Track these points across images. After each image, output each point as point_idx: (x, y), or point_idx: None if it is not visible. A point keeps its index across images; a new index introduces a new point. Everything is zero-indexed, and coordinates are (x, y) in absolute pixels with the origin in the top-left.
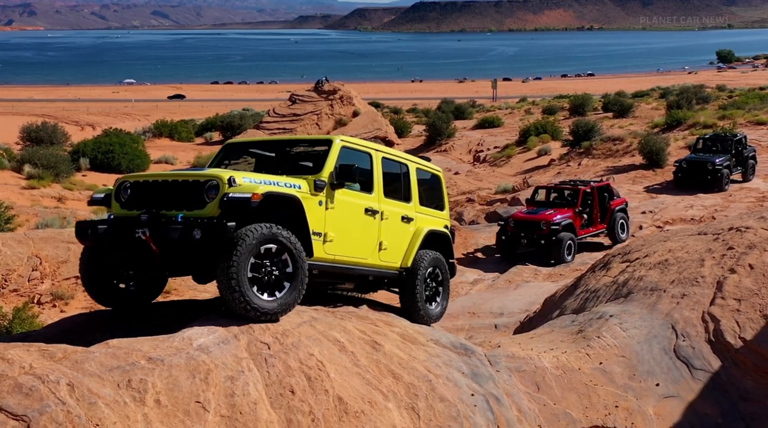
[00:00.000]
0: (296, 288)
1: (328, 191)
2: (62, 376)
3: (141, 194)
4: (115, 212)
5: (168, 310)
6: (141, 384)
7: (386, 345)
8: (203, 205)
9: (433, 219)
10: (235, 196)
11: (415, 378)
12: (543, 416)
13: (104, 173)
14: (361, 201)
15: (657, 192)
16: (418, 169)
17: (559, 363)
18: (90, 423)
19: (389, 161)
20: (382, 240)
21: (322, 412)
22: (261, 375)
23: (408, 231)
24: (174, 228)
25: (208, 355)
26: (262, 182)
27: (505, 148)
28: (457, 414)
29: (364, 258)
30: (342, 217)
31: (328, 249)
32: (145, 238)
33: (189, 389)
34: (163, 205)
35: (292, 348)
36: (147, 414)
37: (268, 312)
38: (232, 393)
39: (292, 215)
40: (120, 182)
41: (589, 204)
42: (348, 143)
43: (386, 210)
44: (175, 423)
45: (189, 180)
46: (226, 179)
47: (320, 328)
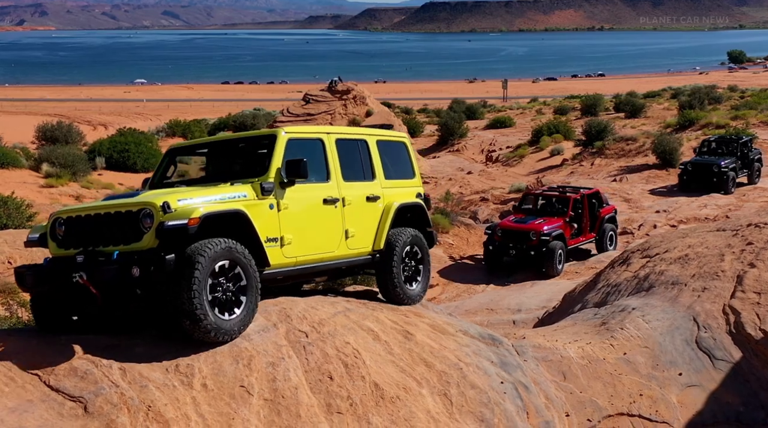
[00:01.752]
0: (252, 301)
1: (278, 191)
2: (114, 361)
3: (76, 230)
4: (52, 252)
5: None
6: (188, 368)
7: (417, 335)
8: (140, 236)
9: (403, 192)
10: (172, 225)
11: (446, 366)
12: (570, 403)
13: (120, 172)
14: (317, 192)
15: (662, 194)
16: (379, 141)
17: (584, 354)
18: (143, 404)
19: (344, 141)
20: (347, 228)
21: (360, 397)
22: (300, 362)
23: (375, 211)
24: (110, 268)
25: (249, 342)
26: (201, 201)
27: (517, 147)
28: (488, 401)
29: (330, 252)
30: (298, 215)
31: (288, 252)
32: (83, 282)
33: (233, 374)
34: (99, 241)
35: (328, 337)
36: (195, 397)
37: (230, 331)
38: (273, 378)
39: (240, 228)
40: (53, 219)
41: (579, 212)
42: (294, 134)
43: (347, 194)
44: (222, 406)
45: (122, 211)
46: (159, 206)
47: (354, 318)
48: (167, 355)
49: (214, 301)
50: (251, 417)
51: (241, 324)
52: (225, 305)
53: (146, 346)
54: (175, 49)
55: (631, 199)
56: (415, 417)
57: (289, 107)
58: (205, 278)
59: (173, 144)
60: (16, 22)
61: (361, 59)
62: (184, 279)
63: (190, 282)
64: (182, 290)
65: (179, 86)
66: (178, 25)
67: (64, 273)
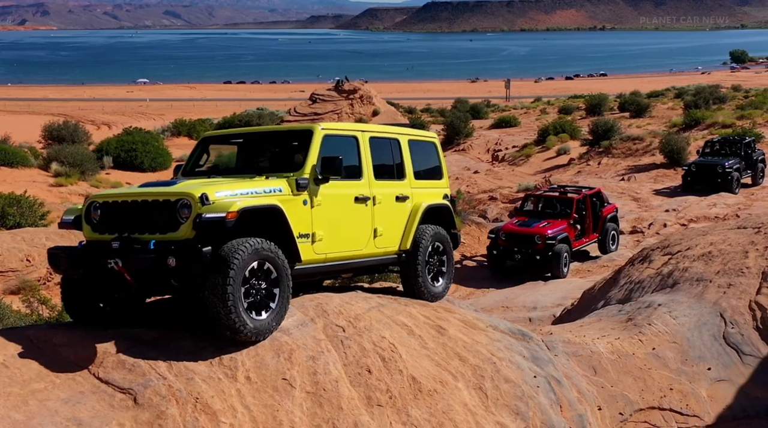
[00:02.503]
0: (284, 301)
1: (313, 187)
2: (159, 353)
3: (112, 215)
4: (87, 236)
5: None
6: (231, 361)
7: (450, 330)
8: (176, 226)
9: (431, 193)
10: (209, 217)
11: (480, 360)
12: (601, 397)
13: (127, 171)
14: (350, 190)
15: (667, 195)
16: (411, 140)
17: (613, 349)
18: (190, 396)
19: (378, 140)
20: (376, 226)
21: (398, 390)
22: (339, 356)
23: (404, 211)
24: (147, 258)
25: (289, 336)
26: (238, 194)
27: (523, 147)
28: (522, 394)
29: (358, 250)
30: (330, 213)
31: (318, 249)
32: (118, 269)
33: (275, 367)
34: (135, 228)
35: (365, 331)
36: (239, 389)
37: (261, 332)
38: (314, 372)
39: (274, 223)
40: (89, 202)
41: (582, 213)
42: (330, 130)
43: (378, 193)
44: (266, 398)
45: (159, 199)
46: (198, 197)
47: (388, 313)
48: (210, 348)
49: (247, 301)
50: (294, 409)
51: (271, 323)
52: (257, 304)
53: (188, 340)
54: (177, 48)
55: (640, 198)
56: (453, 410)
57: (296, 106)
58: (240, 278)
59: (207, 132)
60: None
61: (362, 59)
62: (219, 278)
63: (225, 282)
64: (216, 289)
65: (181, 86)
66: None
67: (99, 258)
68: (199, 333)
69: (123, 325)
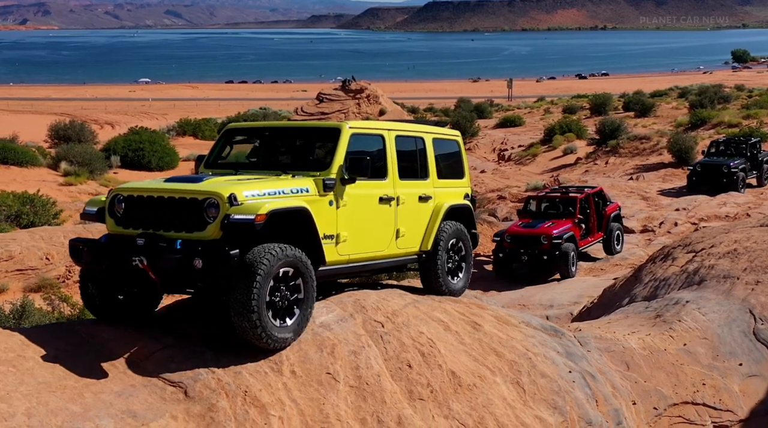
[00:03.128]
0: (308, 307)
1: (339, 188)
2: (206, 348)
3: (136, 210)
4: (110, 229)
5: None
6: (276, 356)
7: (485, 326)
8: (203, 226)
9: (453, 192)
10: (238, 219)
11: (516, 355)
12: (636, 392)
13: (135, 171)
14: (375, 190)
15: (672, 195)
16: (435, 139)
17: (645, 344)
18: (239, 389)
19: (403, 138)
20: (399, 227)
21: (439, 385)
22: (379, 351)
23: (426, 211)
24: (173, 258)
25: (330, 332)
26: (266, 194)
27: (529, 146)
28: (559, 389)
29: (380, 251)
30: (355, 213)
31: (342, 250)
32: (142, 267)
33: (319, 362)
34: (160, 224)
35: (403, 327)
36: (286, 383)
37: (283, 340)
38: (357, 366)
39: (301, 225)
40: (113, 195)
41: (586, 212)
42: (358, 129)
43: (402, 194)
44: (311, 392)
45: (186, 197)
46: (227, 197)
47: (423, 309)
48: None
49: (271, 308)
50: (340, 402)
51: (294, 334)
52: (282, 311)
53: (233, 335)
54: (179, 48)
55: (649, 197)
56: (493, 404)
57: (303, 106)
58: (266, 285)
59: (231, 123)
60: (19, 21)
61: (363, 58)
62: (245, 284)
63: (250, 288)
64: (241, 294)
65: (184, 85)
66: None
67: (123, 254)
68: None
69: (142, 319)
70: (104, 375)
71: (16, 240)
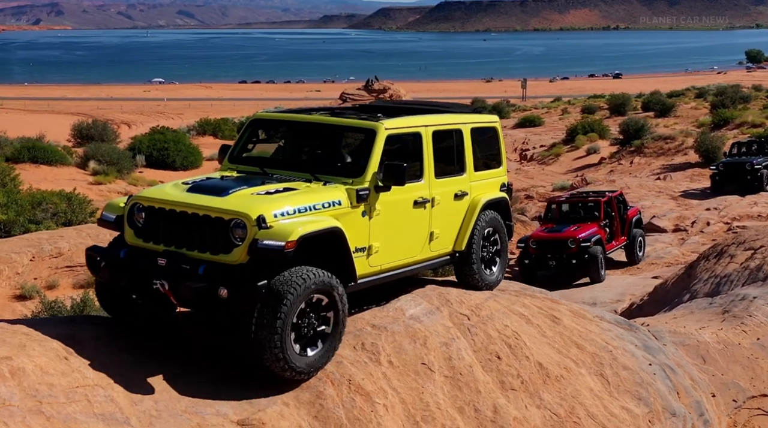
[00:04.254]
0: (334, 345)
1: (373, 196)
2: None
3: (157, 222)
4: (129, 240)
5: None
6: (373, 347)
7: (564, 320)
8: (229, 248)
9: (490, 183)
10: (267, 245)
11: (596, 348)
12: (714, 385)
13: (159, 170)
14: (409, 194)
15: (695, 197)
16: (474, 128)
17: (719, 339)
18: (343, 378)
19: (441, 133)
20: (433, 229)
21: (528, 376)
22: (468, 343)
23: (461, 208)
24: (196, 287)
25: (420, 324)
26: (297, 211)
27: (552, 146)
28: (641, 381)
29: (412, 257)
30: (388, 221)
31: (373, 261)
32: (164, 291)
33: (413, 352)
34: (183, 242)
35: (487, 320)
36: (385, 372)
37: (302, 371)
38: (449, 357)
39: (333, 243)
40: (132, 203)
41: (611, 216)
42: (394, 129)
43: (437, 193)
44: (409, 381)
45: (211, 215)
46: (255, 220)
47: (504, 303)
48: (350, 335)
49: (297, 338)
50: (437, 391)
51: (320, 360)
52: (307, 340)
53: None
54: (191, 48)
55: (678, 196)
56: (581, 394)
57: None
58: (291, 315)
59: (258, 113)
60: (32, 22)
61: (375, 58)
62: (269, 314)
63: (275, 318)
64: (265, 324)
65: (197, 85)
66: (193, 24)
67: (144, 274)
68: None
69: (159, 319)
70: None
71: (64, 238)
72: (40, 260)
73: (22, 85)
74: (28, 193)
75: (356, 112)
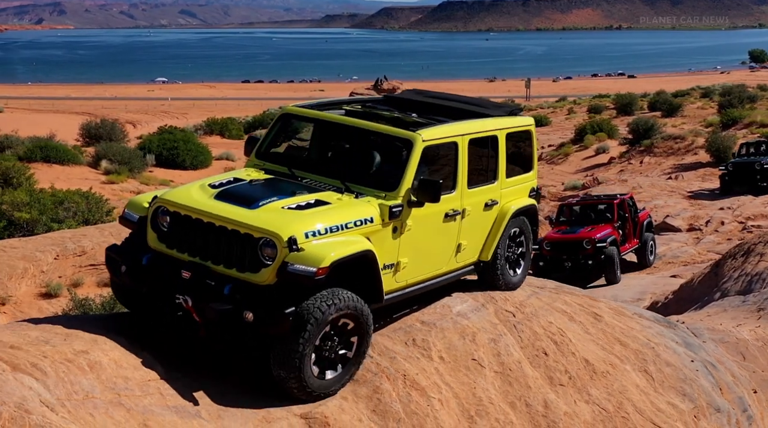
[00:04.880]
0: (351, 371)
1: (405, 212)
2: None
3: (183, 230)
4: (152, 244)
5: None
6: (424, 343)
7: (605, 317)
8: (257, 267)
9: (519, 190)
10: (297, 269)
11: (639, 345)
12: (755, 381)
13: (170, 169)
14: (440, 207)
15: (704, 197)
16: (509, 134)
17: (757, 336)
18: (398, 373)
19: (477, 140)
20: (461, 241)
21: (575, 371)
22: (514, 339)
23: (490, 218)
24: (220, 309)
25: (468, 320)
26: (328, 232)
27: (560, 146)
28: (685, 377)
29: (438, 270)
30: (418, 236)
31: (400, 277)
32: (186, 308)
33: (463, 348)
34: (209, 254)
35: (532, 317)
36: (437, 368)
37: (317, 394)
38: (498, 353)
39: (363, 266)
40: (156, 205)
41: (625, 217)
42: (432, 140)
43: (468, 204)
44: (461, 376)
45: (240, 231)
46: (286, 241)
47: (545, 300)
48: (400, 331)
49: (317, 359)
50: (488, 387)
51: (337, 384)
52: (328, 363)
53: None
54: (194, 47)
55: (691, 196)
56: (628, 390)
57: None
58: (314, 340)
59: (289, 107)
60: (34, 21)
61: (378, 58)
62: (291, 337)
63: (296, 342)
64: (285, 346)
65: (201, 85)
66: (195, 23)
67: (167, 287)
68: (386, 314)
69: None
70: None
71: (87, 236)
72: (64, 258)
73: (26, 85)
74: (51, 191)
75: (388, 107)
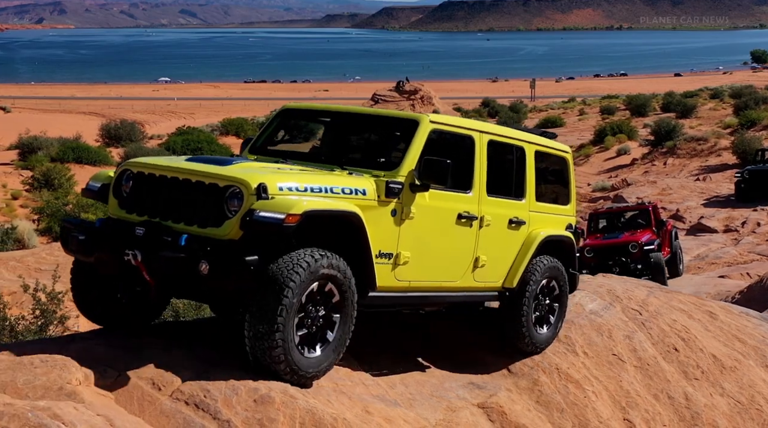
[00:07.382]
0: (344, 336)
1: (407, 195)
2: None
3: (144, 191)
4: (111, 212)
5: None
6: (567, 339)
7: (720, 315)
8: (220, 221)
9: (553, 219)
10: (262, 216)
11: (756, 342)
12: None
13: None
14: (453, 204)
15: (719, 205)
16: (538, 152)
17: None
18: (551, 367)
19: (498, 144)
20: (479, 255)
21: (706, 366)
22: (645, 335)
23: (517, 239)
24: (173, 258)
25: (601, 318)
26: (308, 189)
27: (580, 147)
28: None
29: (451, 281)
30: (424, 230)
31: (401, 275)
32: (135, 264)
33: (602, 344)
34: (170, 212)
35: (657, 315)
36: (584, 362)
37: (307, 374)
38: (634, 349)
39: (348, 235)
40: (122, 169)
41: (660, 222)
42: (441, 125)
43: (488, 213)
44: (605, 371)
45: (205, 182)
46: (254, 188)
47: (663, 299)
48: None
49: (300, 333)
50: (632, 380)
51: (325, 361)
52: (311, 337)
53: None
54: (195, 47)
55: (722, 197)
56: (756, 384)
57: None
58: (295, 306)
59: (289, 103)
60: (35, 20)
61: (379, 58)
62: (267, 303)
63: (275, 309)
64: (262, 315)
65: (205, 85)
66: (196, 23)
67: (116, 244)
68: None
69: (146, 323)
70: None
71: None
72: None
73: (29, 84)
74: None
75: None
